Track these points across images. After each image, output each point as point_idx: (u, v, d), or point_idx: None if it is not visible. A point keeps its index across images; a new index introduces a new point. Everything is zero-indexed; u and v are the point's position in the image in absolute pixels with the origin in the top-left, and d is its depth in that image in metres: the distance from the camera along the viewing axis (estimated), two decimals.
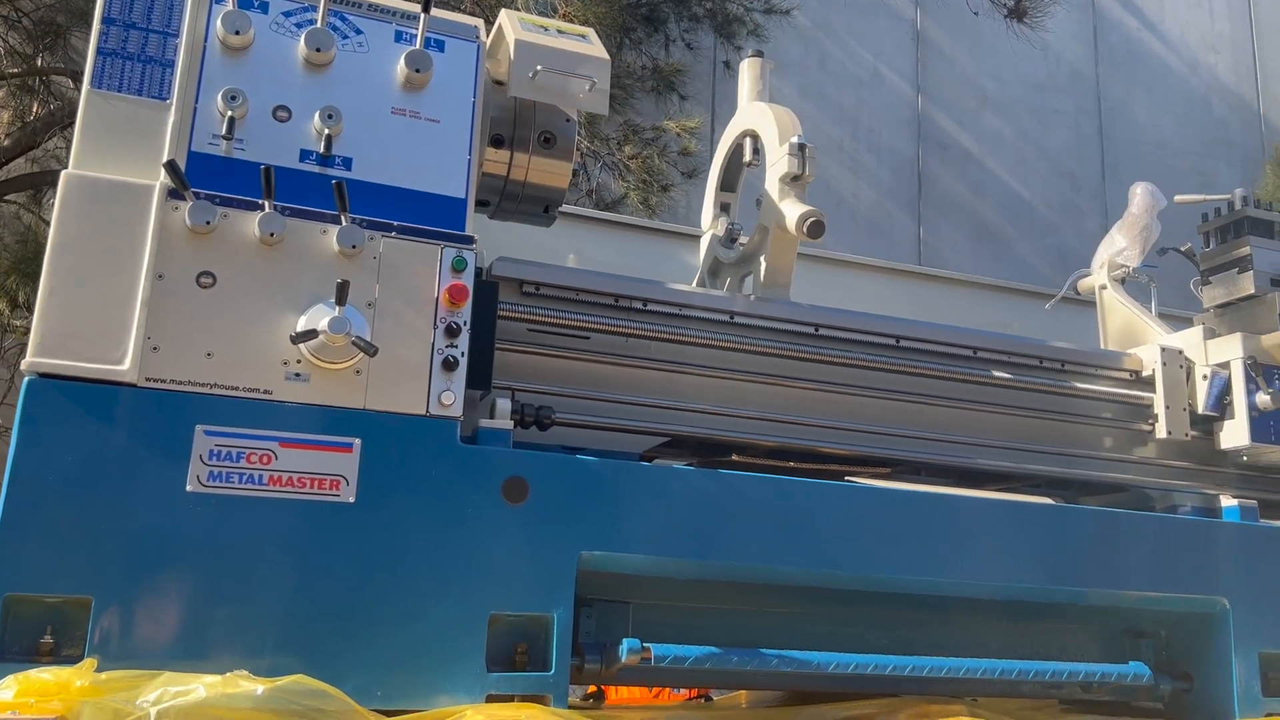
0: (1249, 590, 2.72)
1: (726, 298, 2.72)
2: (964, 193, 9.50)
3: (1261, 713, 2.63)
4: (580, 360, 2.48)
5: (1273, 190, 8.90)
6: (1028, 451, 2.89)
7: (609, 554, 2.23)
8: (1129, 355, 3.07)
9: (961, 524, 2.54)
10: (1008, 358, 2.91)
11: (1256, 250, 3.06)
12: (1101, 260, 3.45)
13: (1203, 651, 2.74)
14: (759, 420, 2.59)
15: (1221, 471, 3.03)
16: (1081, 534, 2.64)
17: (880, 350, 2.78)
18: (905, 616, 2.63)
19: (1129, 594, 2.69)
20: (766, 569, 2.38)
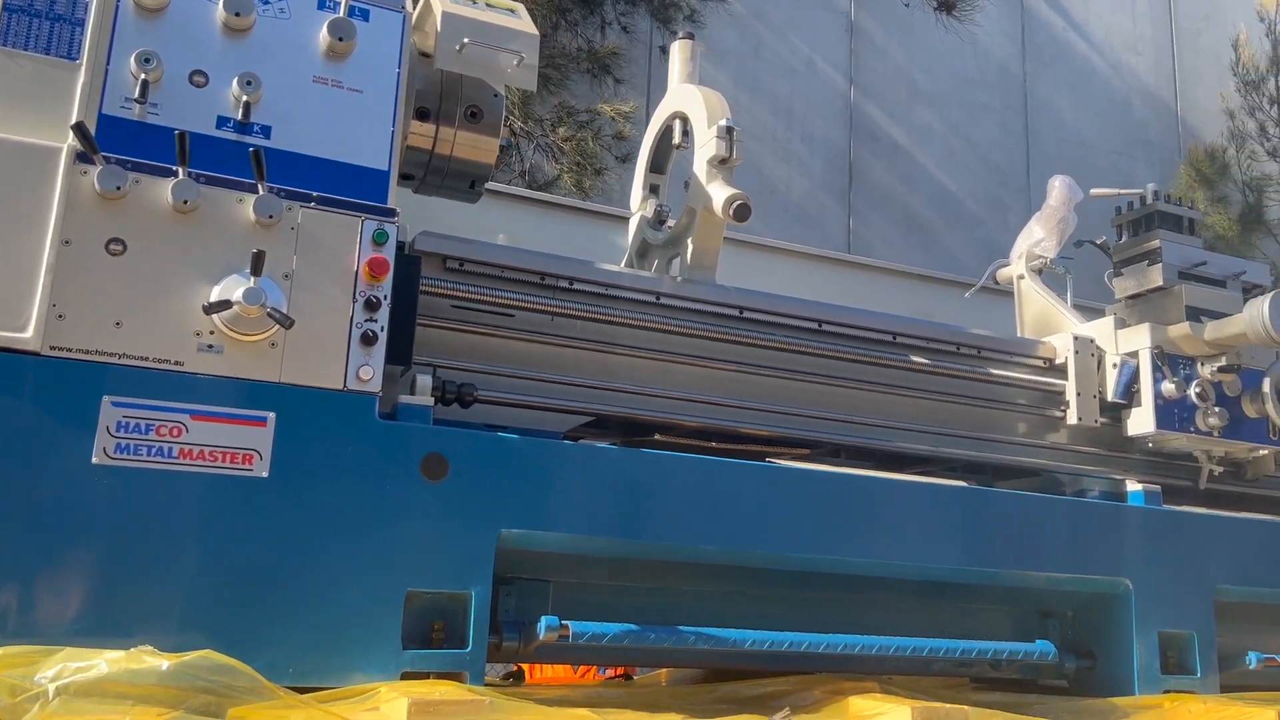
0: (1150, 572, 2.81)
1: (652, 278, 2.72)
2: (894, 184, 9.64)
3: (1160, 689, 2.73)
4: (504, 338, 2.46)
5: (1186, 190, 9.20)
6: (945, 435, 2.95)
7: (529, 532, 2.23)
8: (1043, 343, 3.15)
9: (879, 506, 2.59)
10: (926, 343, 2.97)
11: (1166, 244, 3.15)
12: (1020, 251, 3.54)
13: (1106, 631, 2.83)
14: (683, 401, 2.61)
15: (1128, 457, 3.13)
16: (994, 516, 2.71)
17: (803, 334, 2.81)
18: (823, 596, 2.67)
19: (1038, 575, 2.76)
20: (687, 548, 2.40)
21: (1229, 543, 2.97)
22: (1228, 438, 3.05)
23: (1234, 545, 2.98)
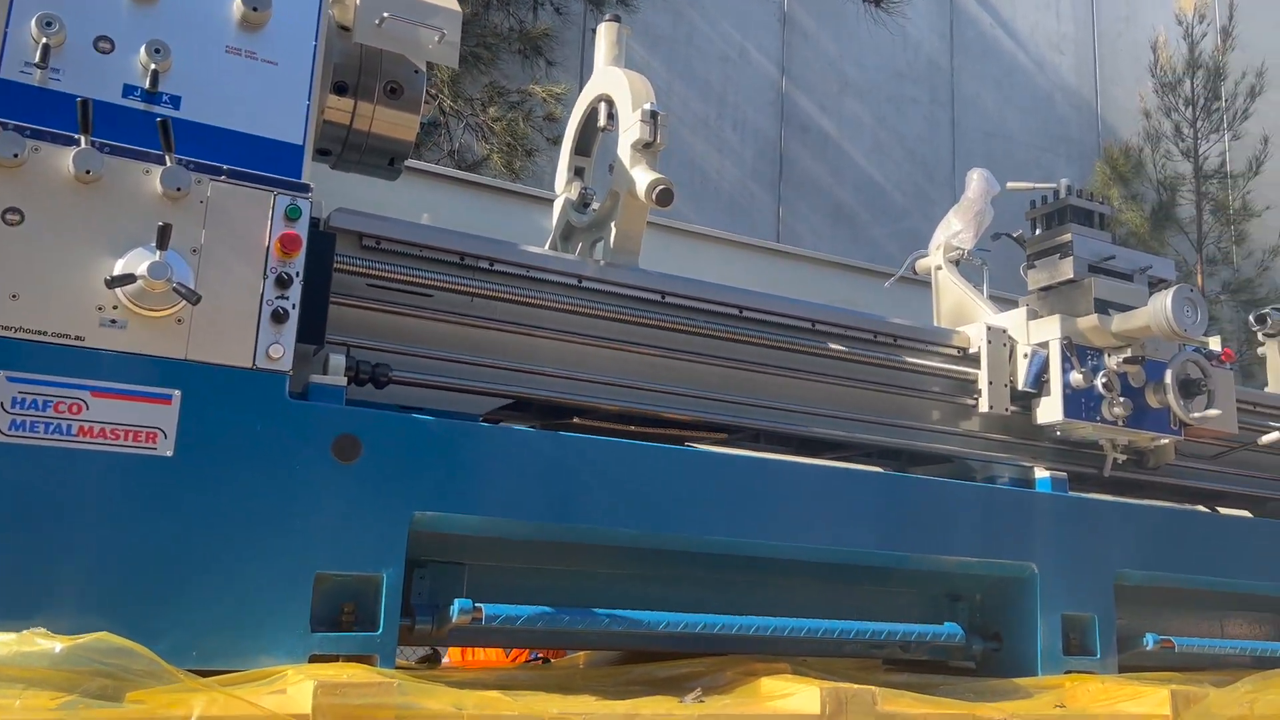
0: (1056, 556, 2.90)
1: (574, 261, 2.71)
2: (823, 175, 9.75)
3: (1061, 670, 2.81)
4: (421, 318, 2.43)
5: (1102, 187, 9.47)
6: (861, 421, 2.99)
7: (444, 515, 2.21)
8: (958, 333, 3.21)
9: (795, 490, 2.62)
10: (844, 331, 3.01)
11: (1077, 238, 3.24)
12: (938, 242, 3.60)
13: (1012, 613, 2.90)
14: (603, 384, 2.61)
15: (1037, 445, 3.21)
16: (907, 501, 2.76)
17: (724, 319, 2.83)
18: (739, 579, 2.70)
19: (949, 559, 2.83)
20: (605, 531, 2.40)
21: (1130, 528, 3.07)
22: (1131, 427, 3.14)
23: (1134, 531, 3.08)
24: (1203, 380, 3.21)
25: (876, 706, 2.16)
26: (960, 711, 2.26)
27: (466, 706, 1.86)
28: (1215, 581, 3.25)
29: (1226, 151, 10.21)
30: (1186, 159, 9.86)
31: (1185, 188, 9.80)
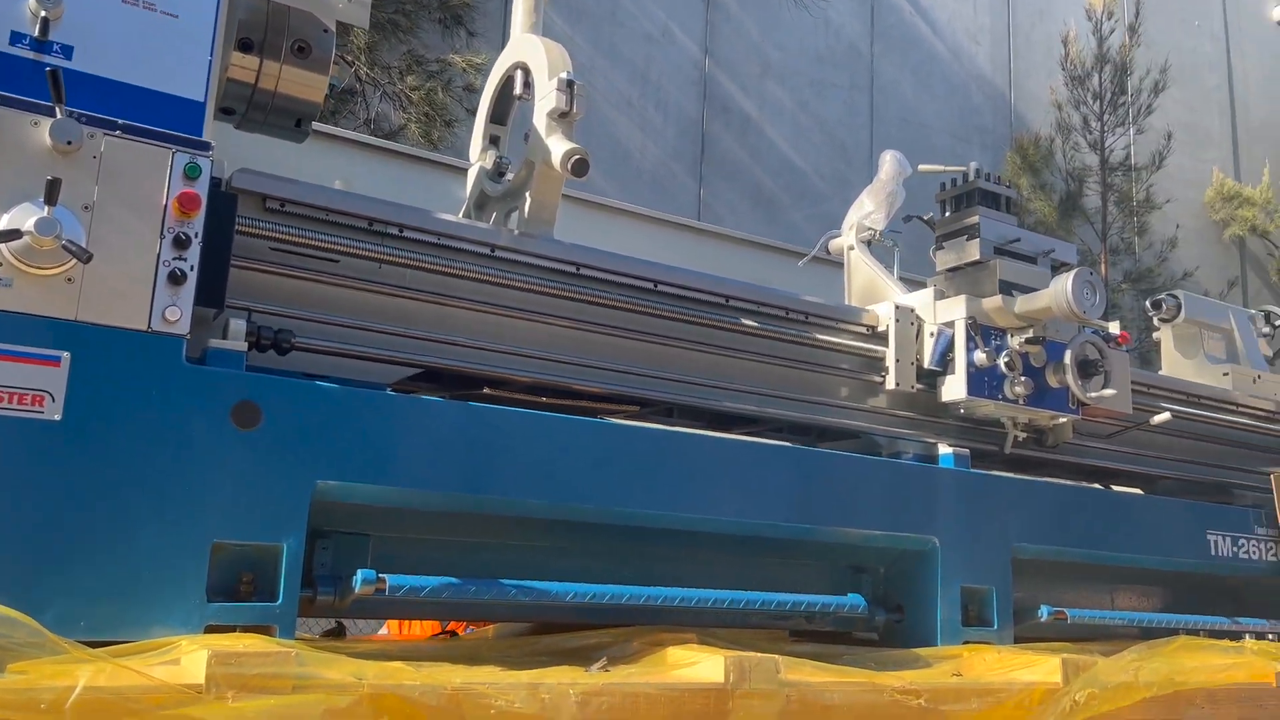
0: (957, 530, 2.97)
1: (487, 230, 2.68)
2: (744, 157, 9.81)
3: (960, 641, 2.89)
4: (327, 284, 2.38)
5: (1013, 175, 9.71)
6: (773, 397, 3.03)
7: (348, 485, 2.18)
8: (867, 311, 3.26)
9: (705, 463, 2.63)
10: (758, 307, 3.03)
11: (984, 220, 3.31)
12: (851, 222, 3.65)
13: (914, 585, 2.97)
14: (514, 355, 2.59)
15: (941, 422, 3.28)
16: (814, 475, 2.80)
17: (639, 293, 2.83)
18: (649, 551, 2.71)
19: (854, 532, 2.88)
20: (515, 502, 2.39)
21: (1027, 504, 3.17)
22: (1032, 406, 3.24)
23: (1032, 506, 3.18)
24: (1100, 361, 3.32)
25: (779, 675, 2.19)
26: (860, 680, 2.30)
27: (367, 677, 1.83)
28: (1107, 556, 3.37)
29: (1131, 145, 10.56)
30: (1094, 151, 10.17)
31: (1092, 179, 10.11)
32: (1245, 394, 4.14)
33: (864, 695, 2.26)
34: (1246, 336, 4.47)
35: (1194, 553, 3.53)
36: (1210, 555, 3.56)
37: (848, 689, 2.26)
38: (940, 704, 2.34)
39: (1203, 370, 4.24)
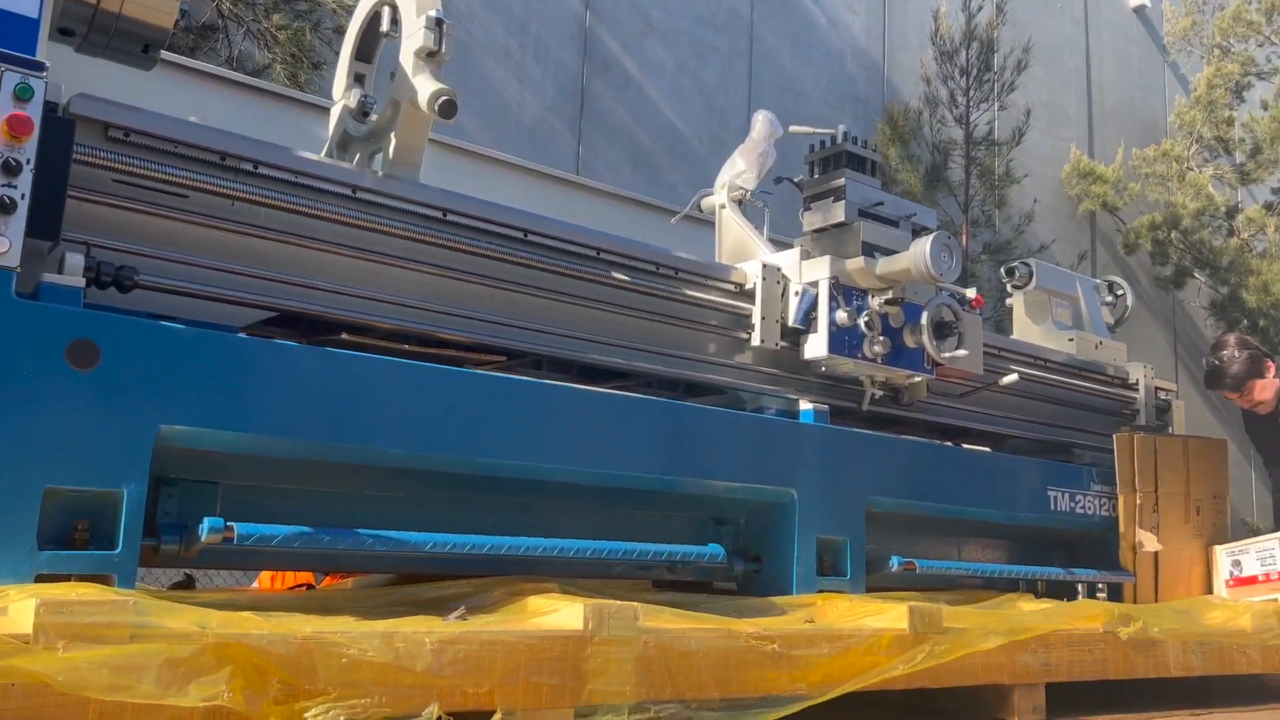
0: (814, 483, 3.05)
1: (349, 170, 2.59)
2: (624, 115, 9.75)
3: (815, 589, 2.99)
4: (175, 220, 2.26)
5: (884, 145, 9.95)
6: (642, 351, 3.04)
7: (195, 430, 2.09)
8: (736, 269, 3.30)
9: (571, 414, 2.63)
10: (628, 261, 3.03)
11: (850, 183, 3.38)
12: (723, 181, 3.68)
13: (773, 536, 3.05)
14: (376, 301, 2.52)
15: (803, 379, 3.36)
16: (678, 429, 2.83)
17: (508, 242, 2.79)
18: (513, 502, 2.70)
19: (717, 484, 2.93)
20: (374, 451, 2.34)
21: (882, 459, 3.28)
22: (889, 365, 3.34)
23: (886, 462, 3.29)
24: (954, 323, 3.44)
25: (637, 622, 2.21)
26: (716, 626, 2.35)
27: (211, 626, 1.77)
28: (956, 510, 3.52)
29: (995, 121, 10.95)
30: (959, 125, 10.49)
31: (956, 152, 10.43)
32: (1088, 359, 4.38)
33: (720, 641, 2.31)
34: (1091, 305, 4.72)
35: (1036, 508, 3.73)
36: (1050, 510, 3.76)
37: (704, 635, 2.31)
38: (793, 649, 2.41)
39: (1050, 336, 4.45)
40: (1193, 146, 12.05)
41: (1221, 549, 4.06)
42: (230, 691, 1.68)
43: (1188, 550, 4.03)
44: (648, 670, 2.19)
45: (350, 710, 1.81)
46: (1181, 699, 3.33)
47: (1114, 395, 4.41)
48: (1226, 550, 4.05)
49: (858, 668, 2.51)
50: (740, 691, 2.30)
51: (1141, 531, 3.93)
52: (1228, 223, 11.66)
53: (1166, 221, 11.52)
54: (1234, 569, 4.01)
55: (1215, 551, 4.06)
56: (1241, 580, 3.99)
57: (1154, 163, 11.94)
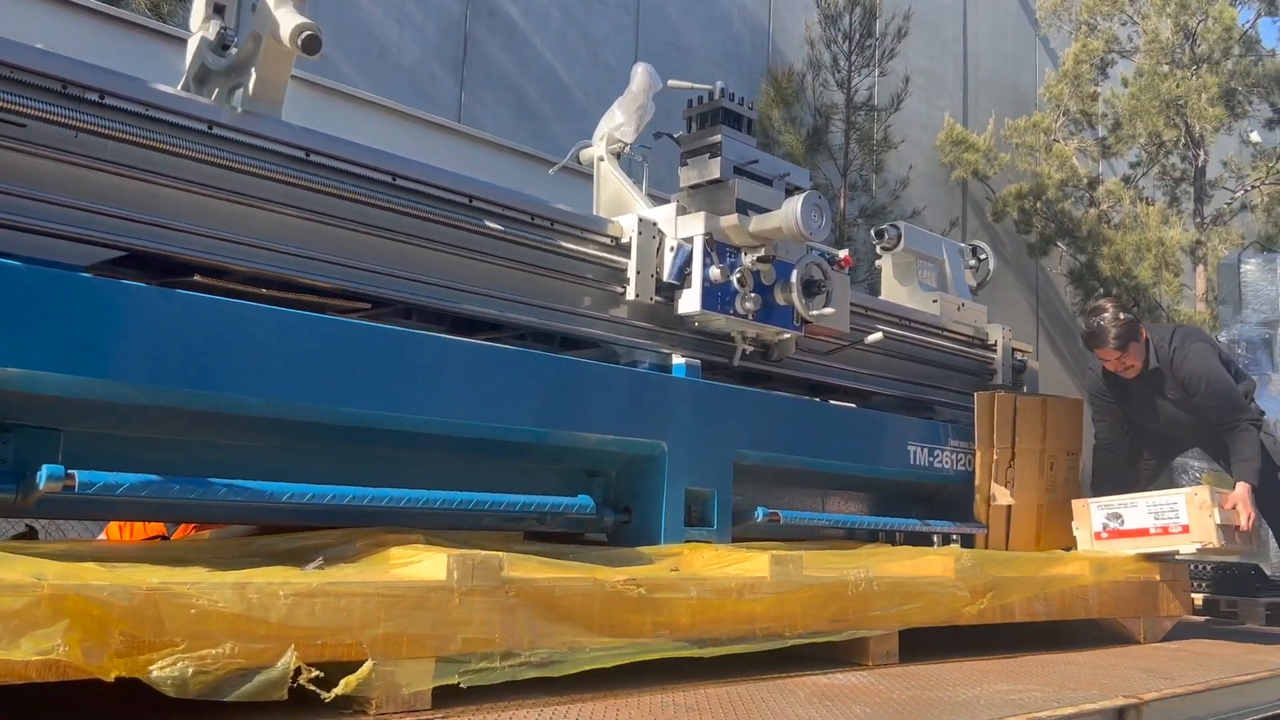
0: (684, 436, 3.09)
1: (205, 105, 2.47)
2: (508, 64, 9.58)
3: (682, 540, 3.04)
4: (12, 150, 2.12)
5: (767, 107, 10.06)
6: (515, 302, 3.01)
7: (32, 373, 1.98)
8: (612, 222, 3.29)
9: (438, 365, 2.59)
10: (502, 210, 2.98)
11: (726, 140, 3.40)
12: (602, 133, 3.65)
13: (643, 488, 3.08)
14: (232, 243, 2.42)
15: (677, 334, 3.38)
16: (550, 380, 2.82)
17: (375, 186, 2.71)
18: (378, 453, 2.65)
19: (589, 436, 2.94)
20: (229, 399, 2.26)
21: (751, 413, 3.34)
22: (760, 321, 3.40)
23: (755, 416, 3.36)
24: (823, 282, 3.51)
25: (503, 572, 2.21)
26: (582, 575, 2.37)
27: (48, 577, 1.69)
28: (821, 463, 3.62)
29: (875, 86, 11.17)
30: (841, 90, 10.67)
31: (838, 116, 10.63)
32: (950, 320, 4.54)
33: (586, 589, 2.33)
34: (955, 268, 4.89)
35: (897, 462, 3.87)
36: (910, 464, 3.91)
37: (571, 584, 2.33)
38: (658, 596, 2.45)
39: (915, 297, 4.60)
40: (1060, 119, 12.57)
41: (1094, 502, 4.25)
42: (66, 645, 1.61)
43: (1040, 504, 4.25)
44: (513, 619, 2.19)
45: (200, 662, 1.76)
46: (1026, 644, 3.53)
47: (974, 355, 4.59)
48: (1100, 504, 4.24)
49: (722, 614, 2.57)
50: (607, 637, 2.33)
51: (996, 486, 4.13)
52: (1089, 194, 12.22)
53: (1032, 191, 12.01)
54: (1111, 521, 4.18)
55: (1086, 505, 4.27)
56: (1119, 533, 4.16)
57: (1023, 133, 12.41)
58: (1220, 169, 13.44)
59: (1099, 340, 4.34)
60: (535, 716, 2.03)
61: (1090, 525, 4.19)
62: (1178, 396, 4.45)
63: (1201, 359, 4.38)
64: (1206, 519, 3.97)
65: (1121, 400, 4.58)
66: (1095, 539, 4.16)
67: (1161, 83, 11.58)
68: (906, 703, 2.34)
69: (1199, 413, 4.47)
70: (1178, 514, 4.03)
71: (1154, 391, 4.46)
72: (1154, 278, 11.32)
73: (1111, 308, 4.35)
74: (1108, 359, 4.38)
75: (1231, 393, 4.40)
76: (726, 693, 2.38)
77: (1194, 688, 2.82)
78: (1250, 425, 4.34)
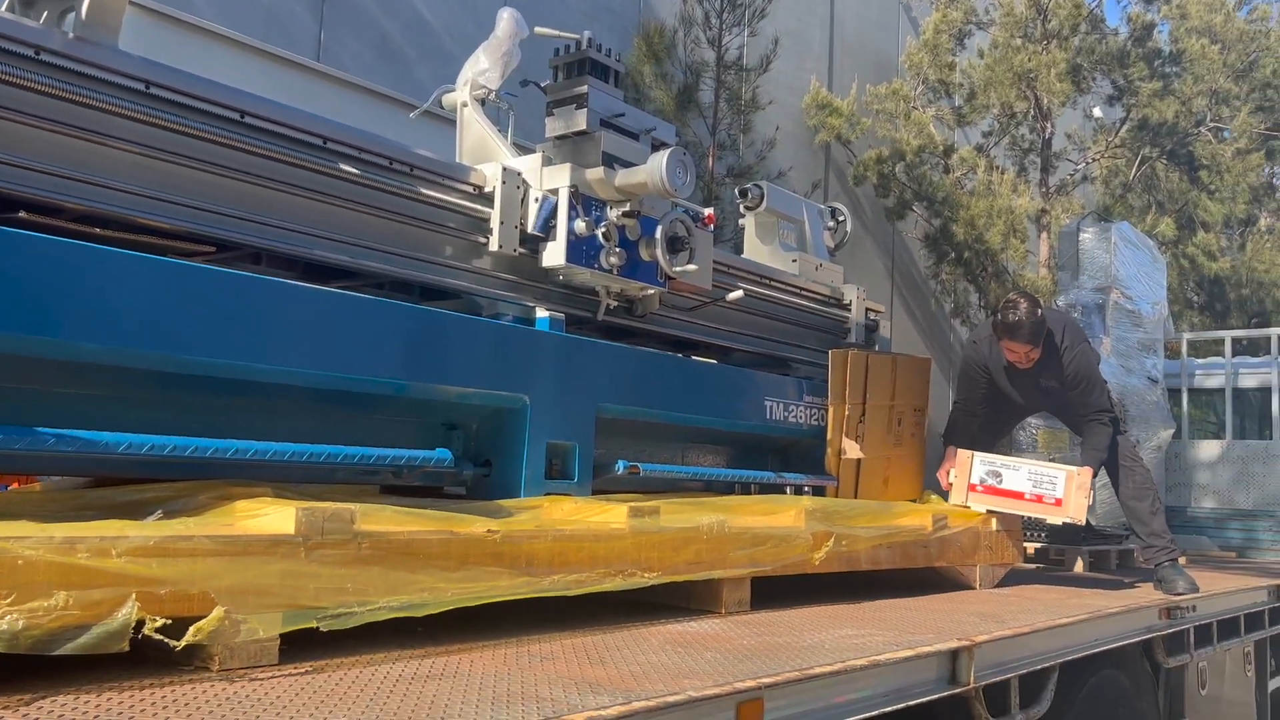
0: (546, 390, 3.08)
1: (33, 29, 2.29)
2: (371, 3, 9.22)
3: (542, 492, 3.04)
4: None
5: (639, 61, 10.01)
6: (372, 250, 2.93)
7: None
8: (475, 170, 3.23)
9: (290, 313, 2.50)
10: (359, 153, 2.89)
11: (593, 91, 3.37)
12: (466, 78, 3.57)
13: (504, 441, 3.06)
14: (62, 178, 2.27)
15: (541, 287, 3.36)
16: (410, 332, 2.76)
17: (221, 123, 2.58)
18: (223, 403, 2.54)
19: (449, 389, 2.90)
20: (59, 344, 2.12)
21: (614, 368, 3.36)
22: (624, 276, 3.41)
23: (617, 370, 3.38)
24: (687, 239, 3.54)
25: (355, 525, 2.17)
26: (438, 527, 2.35)
27: None
28: (681, 417, 3.68)
29: (745, 46, 11.24)
30: (711, 48, 10.69)
31: (708, 75, 10.65)
32: (808, 279, 4.65)
33: (442, 540, 2.31)
34: (815, 229, 5.01)
35: (754, 416, 3.96)
36: (767, 419, 4.01)
37: (427, 535, 2.30)
38: (516, 546, 2.45)
39: (776, 256, 4.69)
40: (919, 87, 12.94)
41: (978, 456, 4.45)
42: None
43: (887, 457, 4.42)
44: (366, 572, 2.15)
45: (30, 615, 1.67)
46: (871, 591, 3.69)
47: (830, 314, 4.73)
48: (983, 459, 4.45)
49: (580, 559, 2.59)
50: (465, 586, 2.32)
51: (847, 440, 4.27)
52: (944, 161, 12.66)
53: (892, 156, 12.36)
54: (989, 478, 4.38)
55: (970, 456, 4.46)
56: (994, 490, 4.37)
57: (884, 100, 12.73)
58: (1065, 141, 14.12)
59: (1015, 334, 4.49)
60: (388, 671, 2.01)
61: (969, 476, 4.40)
62: (1053, 385, 4.75)
63: (1086, 360, 4.74)
64: (1081, 499, 4.28)
65: (997, 376, 4.80)
66: (970, 489, 4.39)
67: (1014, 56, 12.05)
68: (755, 648, 2.42)
69: (1066, 400, 4.81)
70: (1055, 487, 4.30)
71: (1034, 377, 4.70)
72: (1003, 243, 11.84)
73: (1027, 304, 4.50)
74: (1015, 350, 4.55)
75: (1102, 394, 4.79)
76: (582, 642, 2.41)
77: (1020, 630, 3.01)
78: (1109, 421, 4.75)
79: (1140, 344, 7.72)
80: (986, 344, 4.77)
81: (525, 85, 3.73)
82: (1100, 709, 3.64)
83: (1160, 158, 14.24)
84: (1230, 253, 16.73)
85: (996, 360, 4.73)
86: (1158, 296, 8.10)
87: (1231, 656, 5.05)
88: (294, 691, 1.77)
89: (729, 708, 1.96)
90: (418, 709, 1.70)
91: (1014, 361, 4.61)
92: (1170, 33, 14.46)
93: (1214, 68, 13.78)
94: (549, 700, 1.78)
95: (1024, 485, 4.35)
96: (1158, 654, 4.14)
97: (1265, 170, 16.54)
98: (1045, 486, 4.33)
